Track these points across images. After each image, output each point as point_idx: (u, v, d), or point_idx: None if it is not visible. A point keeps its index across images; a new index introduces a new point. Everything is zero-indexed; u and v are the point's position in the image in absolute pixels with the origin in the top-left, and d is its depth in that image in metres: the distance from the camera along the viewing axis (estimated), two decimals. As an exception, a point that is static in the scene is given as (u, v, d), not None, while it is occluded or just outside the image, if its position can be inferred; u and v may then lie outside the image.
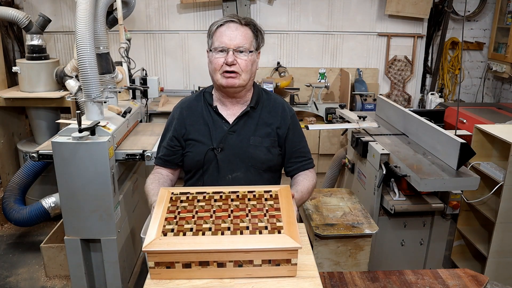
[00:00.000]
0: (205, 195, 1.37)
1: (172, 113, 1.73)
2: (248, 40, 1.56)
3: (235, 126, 1.63)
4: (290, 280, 1.18)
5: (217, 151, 1.61)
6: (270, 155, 1.64)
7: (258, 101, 1.67)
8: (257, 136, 1.63)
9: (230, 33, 1.53)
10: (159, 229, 1.20)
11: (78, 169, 2.08)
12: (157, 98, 3.39)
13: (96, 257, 2.34)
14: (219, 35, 1.54)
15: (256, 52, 1.62)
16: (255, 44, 1.60)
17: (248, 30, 1.57)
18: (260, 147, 1.62)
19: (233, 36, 1.53)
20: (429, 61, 4.59)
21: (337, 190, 2.62)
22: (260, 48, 1.65)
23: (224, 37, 1.53)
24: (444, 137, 2.28)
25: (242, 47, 1.54)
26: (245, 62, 1.55)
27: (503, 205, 2.39)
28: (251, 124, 1.64)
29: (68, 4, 4.08)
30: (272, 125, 1.66)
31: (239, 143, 1.62)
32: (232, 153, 1.61)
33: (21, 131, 3.85)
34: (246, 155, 1.61)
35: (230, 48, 1.53)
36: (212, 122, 1.64)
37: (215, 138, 1.61)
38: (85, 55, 2.13)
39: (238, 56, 1.54)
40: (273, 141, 1.65)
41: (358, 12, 4.29)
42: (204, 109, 1.67)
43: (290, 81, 4.13)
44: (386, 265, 2.54)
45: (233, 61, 1.53)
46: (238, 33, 1.54)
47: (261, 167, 1.64)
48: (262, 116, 1.66)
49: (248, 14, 4.08)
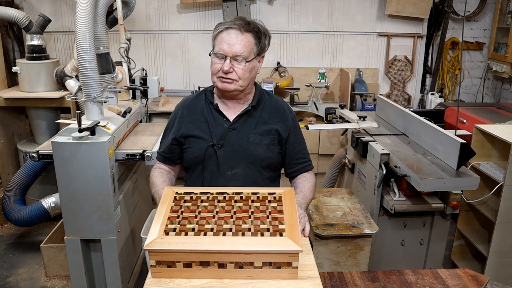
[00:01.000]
0: (208, 195, 1.37)
1: (174, 112, 1.76)
2: (247, 48, 1.54)
3: (235, 123, 1.65)
4: (290, 280, 1.18)
5: (217, 148, 1.62)
6: (270, 153, 1.66)
7: (260, 101, 1.69)
8: (257, 134, 1.64)
9: (229, 40, 1.52)
10: (161, 228, 1.20)
11: (78, 169, 2.08)
12: (157, 98, 3.39)
13: (96, 257, 2.34)
14: (219, 40, 1.54)
15: (259, 57, 1.61)
16: (257, 50, 1.58)
17: (249, 37, 1.55)
18: (260, 144, 1.64)
19: (232, 43, 1.52)
20: (429, 61, 4.59)
21: (337, 190, 2.62)
22: (264, 51, 1.63)
23: (223, 44, 1.52)
24: (444, 137, 2.28)
25: (240, 56, 1.53)
26: (242, 71, 1.55)
27: (503, 205, 2.39)
28: (251, 123, 1.65)
29: (68, 4, 4.08)
30: (272, 124, 1.67)
31: (239, 140, 1.63)
32: (232, 150, 1.63)
33: (21, 131, 3.85)
34: (246, 152, 1.63)
35: (228, 55, 1.52)
36: (213, 119, 1.66)
37: (215, 134, 1.63)
38: (85, 55, 2.13)
39: (235, 65, 1.54)
40: (272, 139, 1.66)
41: (358, 12, 4.29)
42: (205, 107, 1.69)
43: (290, 81, 4.13)
44: (386, 265, 2.54)
45: (229, 70, 1.53)
46: (237, 40, 1.52)
47: (260, 165, 1.65)
48: (263, 115, 1.67)
49: (248, 14, 4.08)
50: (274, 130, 1.67)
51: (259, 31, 1.57)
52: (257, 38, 1.57)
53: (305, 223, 1.52)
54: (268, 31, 1.62)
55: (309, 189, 1.68)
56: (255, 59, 1.59)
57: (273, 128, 1.66)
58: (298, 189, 1.69)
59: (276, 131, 1.67)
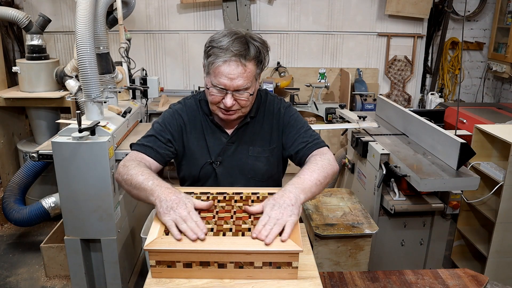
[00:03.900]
0: (208, 195, 1.37)
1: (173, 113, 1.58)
2: (250, 78, 1.40)
3: (233, 137, 1.56)
4: (290, 280, 1.18)
5: (216, 165, 1.54)
6: (269, 166, 1.58)
7: (258, 108, 1.59)
8: (256, 146, 1.56)
9: (229, 73, 1.37)
10: (162, 228, 1.20)
11: (78, 169, 2.08)
12: (157, 98, 3.39)
13: (96, 257, 2.34)
14: (218, 73, 1.38)
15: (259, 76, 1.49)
16: (259, 73, 1.46)
17: (251, 66, 1.40)
18: (260, 157, 1.56)
19: (233, 77, 1.37)
20: (429, 61, 4.59)
21: (337, 190, 2.62)
22: (265, 67, 1.49)
23: (223, 78, 1.37)
24: (444, 137, 2.28)
25: (242, 88, 1.40)
26: (245, 101, 1.43)
27: (503, 205, 2.39)
28: (250, 133, 1.57)
29: (68, 4, 4.08)
30: (270, 130, 1.58)
31: (238, 155, 1.55)
32: (231, 166, 1.55)
33: (21, 131, 3.85)
34: (246, 167, 1.56)
35: (229, 90, 1.39)
36: (210, 132, 1.56)
37: (213, 150, 1.54)
38: (85, 55, 2.13)
39: (237, 96, 1.41)
40: (272, 149, 1.58)
41: (358, 12, 4.29)
42: (202, 118, 1.57)
43: (290, 81, 4.14)
44: (386, 265, 2.54)
45: (232, 104, 1.42)
46: (238, 73, 1.37)
47: (261, 179, 1.58)
48: (259, 121, 1.58)
49: (248, 14, 4.08)
50: (275, 140, 1.58)
51: (259, 53, 1.42)
52: (259, 62, 1.43)
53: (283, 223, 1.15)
54: (266, 42, 1.46)
55: (309, 169, 1.37)
56: (257, 82, 1.47)
57: (273, 137, 1.58)
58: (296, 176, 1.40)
59: (276, 138, 1.58)
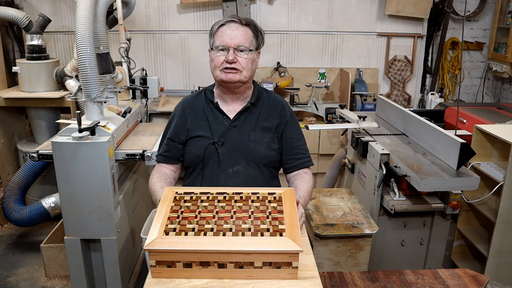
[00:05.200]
0: (208, 195, 1.37)
1: (174, 112, 1.78)
2: (248, 39, 1.61)
3: (235, 121, 1.68)
4: (290, 280, 1.18)
5: (218, 145, 1.65)
6: (270, 150, 1.68)
7: (259, 98, 1.72)
8: (257, 132, 1.67)
9: (230, 32, 1.59)
10: (162, 228, 1.20)
11: (78, 169, 2.08)
12: (157, 98, 3.39)
13: (96, 257, 2.34)
14: (220, 34, 1.60)
15: (256, 52, 1.67)
16: (255, 43, 1.65)
17: (248, 30, 1.62)
18: (260, 142, 1.67)
19: (233, 35, 1.58)
20: (429, 61, 4.59)
21: (337, 190, 2.62)
22: (260, 48, 1.70)
23: (225, 36, 1.59)
24: (444, 137, 2.28)
25: (242, 46, 1.59)
26: (245, 60, 1.60)
27: (503, 205, 2.39)
28: (252, 120, 1.68)
29: (68, 4, 4.07)
30: (271, 121, 1.70)
31: (240, 138, 1.66)
32: (233, 148, 1.65)
33: (21, 131, 3.84)
34: (247, 150, 1.65)
35: (231, 46, 1.58)
36: (213, 117, 1.69)
37: (216, 132, 1.66)
38: (85, 55, 2.13)
39: (238, 55, 1.59)
40: (272, 136, 1.69)
41: (358, 12, 4.29)
42: (205, 106, 1.72)
43: (290, 81, 4.13)
44: (386, 265, 2.54)
45: (234, 59, 1.58)
46: (238, 32, 1.59)
47: (261, 162, 1.68)
48: (262, 112, 1.71)
49: (248, 14, 4.08)
50: (274, 127, 1.70)
51: (256, 27, 1.66)
52: (255, 32, 1.65)
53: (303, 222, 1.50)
54: (262, 30, 1.69)
55: (307, 191, 1.67)
56: (255, 52, 1.65)
57: (273, 125, 1.70)
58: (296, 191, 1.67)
59: (276, 128, 1.70)
